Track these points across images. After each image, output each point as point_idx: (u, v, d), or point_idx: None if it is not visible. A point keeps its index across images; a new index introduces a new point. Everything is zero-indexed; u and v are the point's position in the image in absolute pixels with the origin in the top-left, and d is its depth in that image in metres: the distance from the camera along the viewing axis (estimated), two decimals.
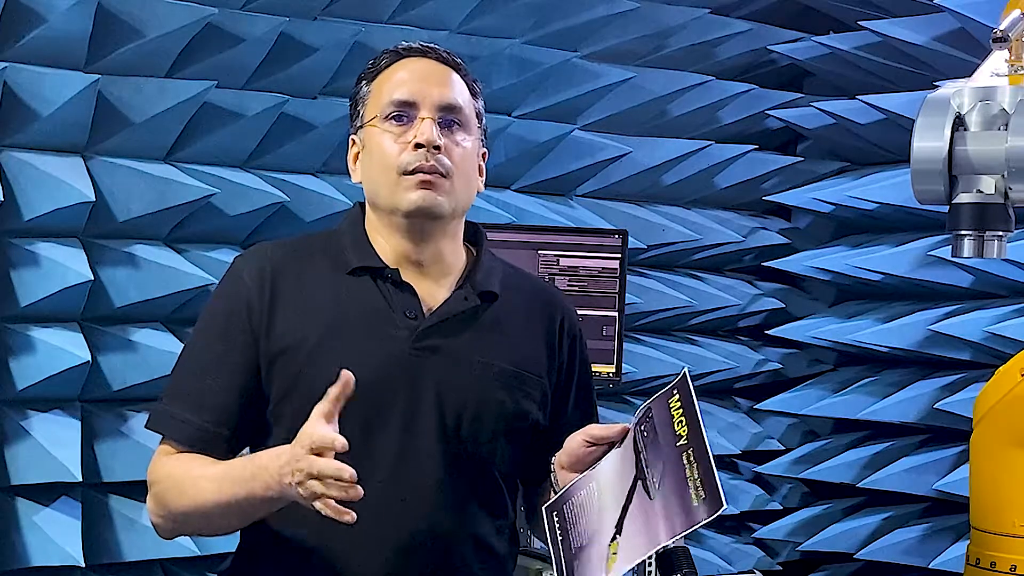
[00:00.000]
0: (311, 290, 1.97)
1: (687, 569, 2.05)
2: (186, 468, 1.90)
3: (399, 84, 1.98)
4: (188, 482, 1.88)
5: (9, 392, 2.93)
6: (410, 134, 1.95)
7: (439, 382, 1.94)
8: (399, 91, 1.97)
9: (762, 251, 4.38)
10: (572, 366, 2.11)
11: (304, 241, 2.08)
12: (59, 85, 2.90)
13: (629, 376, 3.84)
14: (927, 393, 3.89)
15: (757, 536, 4.32)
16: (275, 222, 3.26)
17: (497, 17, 3.62)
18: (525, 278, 2.15)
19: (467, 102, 2.02)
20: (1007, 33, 2.03)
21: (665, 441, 1.82)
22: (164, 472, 1.93)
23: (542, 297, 2.12)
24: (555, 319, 2.10)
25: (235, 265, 2.01)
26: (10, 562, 2.91)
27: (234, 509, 1.85)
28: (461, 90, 2.02)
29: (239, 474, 1.83)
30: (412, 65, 2.01)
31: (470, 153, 2.01)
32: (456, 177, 1.97)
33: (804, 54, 4.26)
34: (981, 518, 2.85)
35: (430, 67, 2.01)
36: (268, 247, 2.06)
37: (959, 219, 2.06)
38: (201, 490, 1.87)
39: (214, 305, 2.01)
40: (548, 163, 3.86)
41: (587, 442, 1.93)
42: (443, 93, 1.98)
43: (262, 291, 1.95)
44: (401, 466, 1.91)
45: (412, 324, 1.95)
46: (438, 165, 1.95)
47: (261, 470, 1.79)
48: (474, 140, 2.03)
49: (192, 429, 1.93)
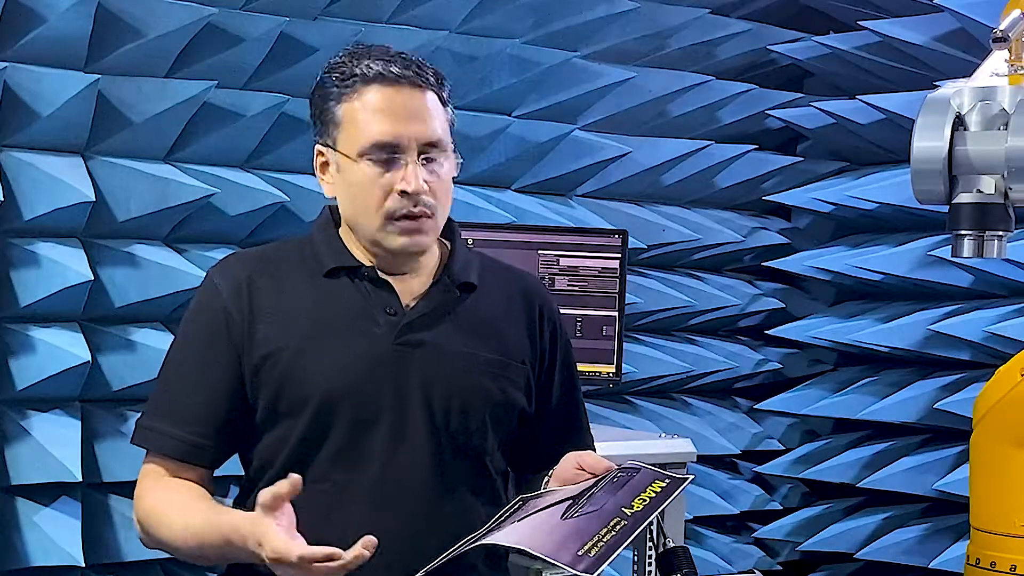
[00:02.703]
0: (289, 295, 1.97)
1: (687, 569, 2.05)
2: (167, 507, 1.94)
3: (379, 124, 1.92)
4: (168, 524, 1.93)
5: (9, 392, 2.93)
6: (394, 176, 1.92)
7: (424, 376, 1.96)
8: (380, 132, 1.92)
9: (762, 251, 4.38)
10: (554, 352, 2.13)
11: (277, 248, 2.08)
12: (59, 85, 2.90)
13: (629, 376, 3.84)
14: (927, 393, 3.89)
15: (757, 536, 4.32)
16: (275, 222, 3.26)
17: (497, 17, 3.61)
18: (502, 267, 2.16)
19: (444, 126, 1.98)
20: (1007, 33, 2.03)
21: (618, 499, 1.87)
22: (148, 506, 1.96)
23: (520, 284, 2.13)
24: (534, 305, 2.11)
25: (210, 278, 2.01)
26: (10, 562, 2.91)
27: (213, 558, 1.93)
28: (437, 113, 1.97)
29: (214, 536, 1.86)
30: (390, 100, 1.94)
31: (448, 175, 2.00)
32: (439, 209, 1.98)
33: (804, 54, 4.26)
34: (981, 518, 2.85)
35: (406, 98, 1.94)
36: (242, 256, 2.08)
37: (959, 219, 2.06)
38: (182, 537, 1.91)
39: (192, 319, 2.01)
40: (548, 163, 3.86)
41: (579, 468, 1.96)
42: (424, 132, 1.94)
43: (240, 301, 1.95)
44: (392, 462, 1.92)
45: (393, 320, 1.96)
46: (425, 208, 1.95)
47: (230, 546, 1.83)
48: (450, 159, 2.00)
49: (176, 443, 1.95)
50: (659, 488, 1.90)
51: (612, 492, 1.88)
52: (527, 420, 2.08)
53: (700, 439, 3.87)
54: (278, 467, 1.94)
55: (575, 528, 1.80)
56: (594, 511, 1.84)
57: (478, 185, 3.68)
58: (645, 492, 1.89)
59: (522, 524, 1.82)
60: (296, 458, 1.93)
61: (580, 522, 1.81)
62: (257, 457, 1.98)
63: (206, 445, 1.95)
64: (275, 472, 1.94)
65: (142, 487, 1.98)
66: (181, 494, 1.94)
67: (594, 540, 1.77)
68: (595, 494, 1.88)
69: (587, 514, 1.83)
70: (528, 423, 2.08)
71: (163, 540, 1.94)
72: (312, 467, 1.92)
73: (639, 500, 1.86)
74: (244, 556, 1.81)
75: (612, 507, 1.84)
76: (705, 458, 4.01)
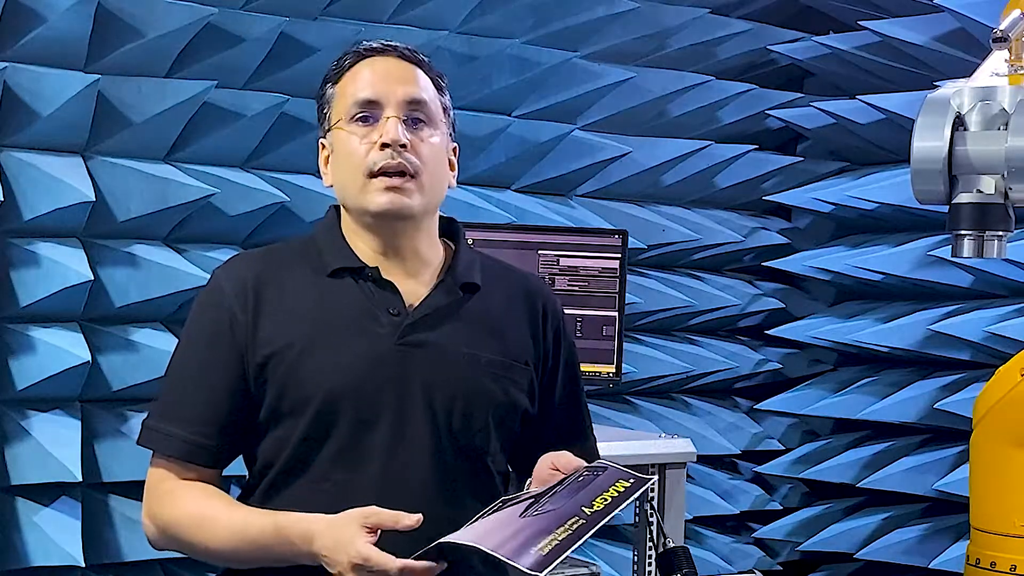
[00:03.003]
0: (293, 295, 1.98)
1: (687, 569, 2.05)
2: (202, 506, 1.92)
3: (363, 84, 1.97)
4: (204, 523, 1.91)
5: (9, 392, 2.93)
6: (375, 134, 1.95)
7: (427, 376, 1.95)
8: (363, 91, 1.97)
9: (762, 251, 4.38)
10: (557, 353, 2.12)
11: (281, 248, 2.08)
12: (59, 85, 2.91)
13: (629, 376, 3.84)
14: (927, 393, 3.89)
15: (757, 536, 4.33)
16: (275, 222, 3.26)
17: (497, 17, 3.62)
18: (505, 268, 2.16)
19: (432, 98, 2.01)
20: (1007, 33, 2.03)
21: (579, 498, 1.86)
22: (176, 511, 1.94)
23: (523, 285, 2.13)
24: (537, 306, 2.11)
25: (215, 278, 2.01)
26: (10, 562, 2.91)
27: (245, 560, 1.91)
28: (426, 86, 2.00)
29: (258, 534, 1.86)
30: (375, 64, 2.00)
31: (438, 149, 2.01)
32: (424, 175, 1.97)
33: (804, 54, 4.26)
34: (981, 518, 2.85)
35: (393, 65, 2.00)
36: (246, 257, 2.08)
37: (959, 219, 2.06)
38: (216, 536, 1.90)
39: (197, 319, 2.01)
40: (548, 163, 3.86)
41: (553, 468, 1.96)
42: (407, 90, 1.97)
43: (245, 302, 1.96)
44: (394, 462, 1.92)
45: (396, 321, 1.96)
46: (406, 164, 1.94)
47: (285, 543, 1.83)
48: (442, 135, 2.01)
49: (182, 443, 1.94)
50: (623, 488, 1.88)
51: (575, 491, 1.87)
52: (530, 421, 2.08)
53: (700, 439, 3.87)
54: (280, 466, 1.95)
55: (531, 526, 1.79)
56: (553, 510, 1.83)
57: (478, 185, 3.69)
58: (608, 492, 1.87)
59: (479, 524, 1.81)
60: (298, 457, 1.93)
61: (538, 520, 1.80)
62: (260, 456, 1.98)
63: (210, 445, 1.95)
64: (277, 471, 1.94)
65: (161, 491, 1.96)
66: (216, 499, 1.94)
67: (549, 539, 1.76)
68: (558, 492, 1.87)
69: (545, 513, 1.83)
70: (531, 424, 2.08)
71: (197, 544, 1.92)
72: (313, 466, 1.92)
73: (600, 499, 1.85)
74: (300, 560, 1.82)
75: (572, 506, 1.83)
76: (705, 458, 4.01)
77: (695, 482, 4.08)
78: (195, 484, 1.95)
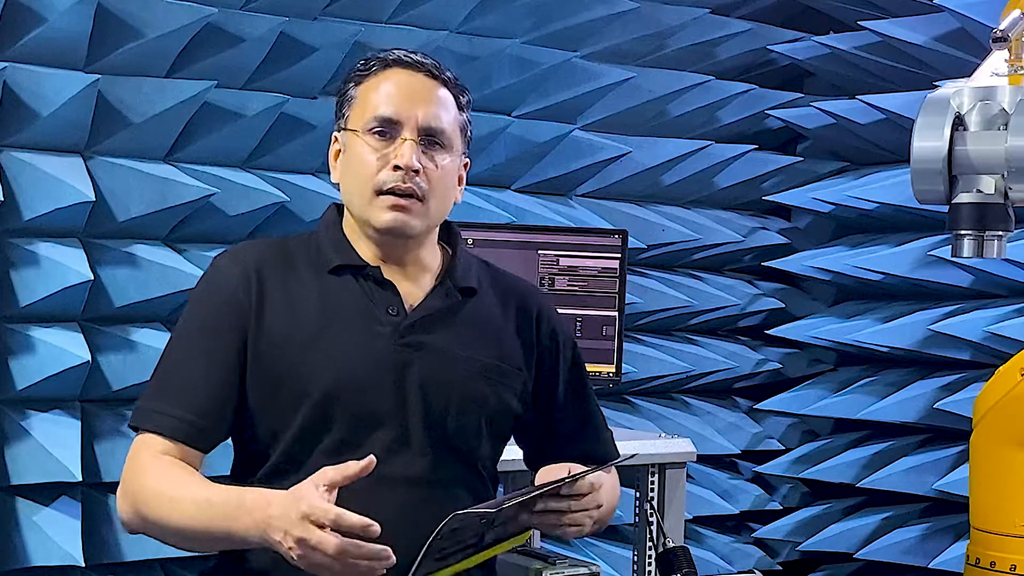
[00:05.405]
0: (294, 290, 1.98)
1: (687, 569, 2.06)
2: (169, 482, 1.88)
3: (385, 98, 1.98)
4: (169, 498, 1.87)
5: (9, 392, 2.93)
6: (390, 152, 1.96)
7: (424, 377, 1.97)
8: (384, 106, 1.98)
9: (762, 251, 4.38)
10: (556, 356, 2.13)
11: (283, 243, 2.09)
12: (59, 85, 2.90)
13: (629, 376, 3.84)
14: (927, 393, 3.89)
15: (757, 536, 4.32)
16: (275, 222, 3.26)
17: (497, 17, 3.62)
18: (501, 274, 2.18)
19: (451, 121, 2.02)
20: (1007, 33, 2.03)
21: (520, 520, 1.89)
22: (146, 482, 1.90)
23: (517, 292, 2.15)
24: (531, 313, 2.12)
25: (218, 263, 2.02)
26: (10, 562, 2.91)
27: (210, 537, 1.85)
28: (447, 107, 2.02)
29: (221, 507, 1.82)
30: (400, 78, 2.00)
31: (449, 172, 2.02)
32: (432, 199, 1.99)
33: (804, 54, 4.26)
34: (981, 518, 2.85)
35: (418, 83, 2.00)
36: (251, 245, 2.09)
37: (959, 219, 2.06)
38: (182, 512, 1.85)
39: (198, 301, 2.01)
40: (548, 163, 3.86)
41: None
42: (427, 114, 1.98)
43: (249, 288, 1.96)
44: (389, 461, 1.92)
45: (395, 321, 1.97)
46: (415, 188, 1.96)
47: (244, 512, 1.78)
48: (455, 157, 2.03)
49: (176, 422, 1.93)
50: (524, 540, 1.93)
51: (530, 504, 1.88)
52: (529, 425, 2.10)
53: (700, 439, 3.87)
54: (274, 460, 1.95)
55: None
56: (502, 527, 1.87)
57: (478, 185, 3.69)
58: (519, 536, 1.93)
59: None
60: (292, 452, 1.94)
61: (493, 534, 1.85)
62: (254, 451, 1.98)
63: (206, 427, 1.94)
64: (271, 465, 1.95)
65: (137, 466, 1.93)
66: (190, 473, 1.90)
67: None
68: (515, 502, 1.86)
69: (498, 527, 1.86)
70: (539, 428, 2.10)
71: (158, 516, 1.87)
72: (308, 462, 1.92)
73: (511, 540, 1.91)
74: (253, 533, 1.76)
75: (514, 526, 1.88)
76: (705, 458, 4.01)
77: (695, 482, 4.08)
78: (173, 460, 1.91)
